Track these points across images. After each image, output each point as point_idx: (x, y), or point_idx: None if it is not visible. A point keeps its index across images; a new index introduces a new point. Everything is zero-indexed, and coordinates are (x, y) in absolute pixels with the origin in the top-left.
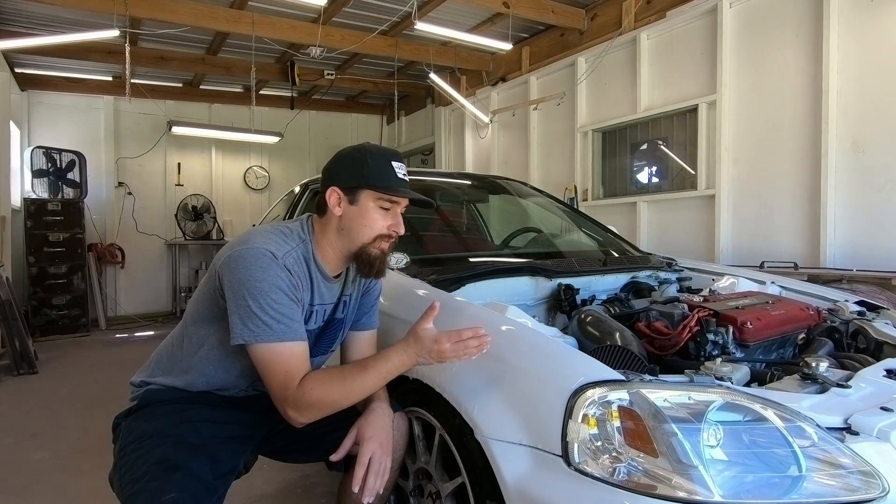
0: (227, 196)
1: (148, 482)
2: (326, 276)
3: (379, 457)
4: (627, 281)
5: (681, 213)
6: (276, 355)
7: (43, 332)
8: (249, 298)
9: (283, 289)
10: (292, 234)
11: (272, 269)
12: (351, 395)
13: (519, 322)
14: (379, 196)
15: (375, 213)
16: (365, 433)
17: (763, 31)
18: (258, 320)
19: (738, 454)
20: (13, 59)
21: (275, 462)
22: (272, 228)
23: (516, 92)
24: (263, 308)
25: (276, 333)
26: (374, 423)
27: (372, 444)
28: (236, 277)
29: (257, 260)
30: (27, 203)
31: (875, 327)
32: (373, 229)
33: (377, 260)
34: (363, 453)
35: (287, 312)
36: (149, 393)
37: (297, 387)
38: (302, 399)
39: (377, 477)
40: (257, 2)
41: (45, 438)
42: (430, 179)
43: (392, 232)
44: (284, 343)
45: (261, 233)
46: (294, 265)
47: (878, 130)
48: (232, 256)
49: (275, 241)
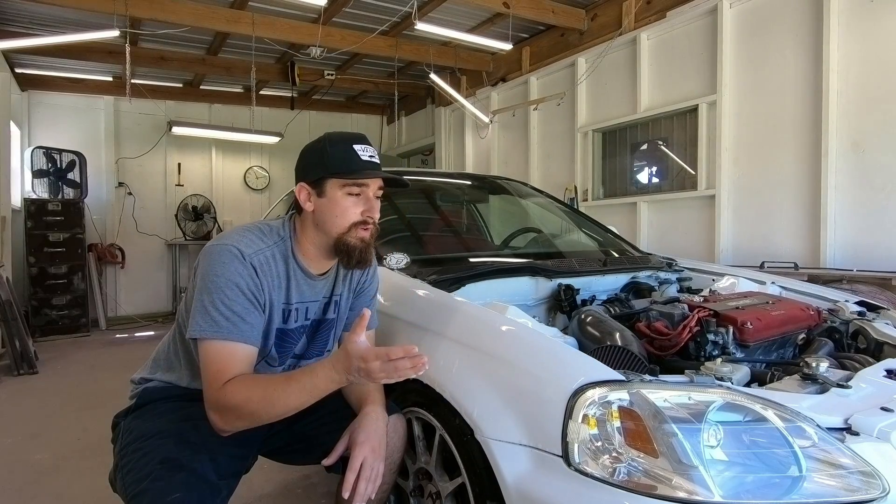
0: (228, 196)
1: (152, 482)
2: (309, 273)
3: (371, 462)
4: (627, 281)
5: (681, 213)
6: (214, 353)
7: (43, 332)
8: (205, 293)
9: (240, 286)
10: (271, 232)
11: (233, 266)
12: (270, 408)
13: (519, 322)
14: (344, 183)
15: (344, 201)
16: (357, 438)
17: (763, 32)
18: (208, 316)
19: (739, 454)
20: (13, 59)
21: (275, 462)
22: (252, 226)
23: (516, 92)
24: (215, 304)
25: (221, 331)
26: (366, 427)
27: (364, 450)
28: (200, 271)
29: (221, 255)
30: (27, 203)
31: (875, 327)
32: (345, 218)
33: (356, 249)
34: (354, 458)
35: (238, 311)
36: (147, 391)
37: (220, 387)
38: (221, 401)
39: (368, 482)
40: (257, 2)
41: (45, 438)
42: (430, 179)
43: (367, 218)
44: (226, 342)
45: (237, 230)
46: (265, 264)
47: (878, 130)
48: (202, 251)
49: (248, 239)
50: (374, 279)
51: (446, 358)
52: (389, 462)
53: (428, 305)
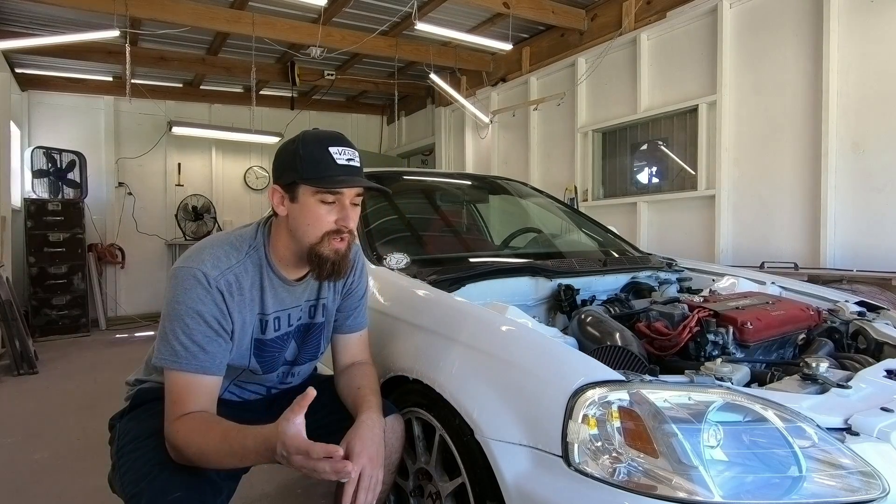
0: (228, 196)
1: (151, 481)
2: (285, 279)
3: (369, 472)
4: (627, 281)
5: (681, 213)
6: (171, 383)
7: (43, 332)
8: (167, 320)
9: (202, 314)
10: (242, 242)
11: (194, 292)
12: (205, 461)
13: (519, 322)
14: (316, 190)
15: (317, 208)
16: (354, 448)
17: (763, 32)
18: (168, 345)
19: (739, 455)
20: (13, 59)
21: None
22: (223, 240)
23: (516, 92)
24: (175, 332)
25: (179, 361)
26: (363, 436)
27: (361, 460)
28: (166, 295)
29: (184, 281)
30: (27, 203)
31: (875, 328)
32: (317, 227)
33: (328, 261)
34: (353, 469)
35: (198, 340)
36: (142, 392)
37: (172, 421)
38: (170, 437)
39: (367, 492)
40: (257, 2)
41: (45, 438)
42: (430, 180)
43: (340, 227)
44: (184, 373)
45: (206, 246)
46: (233, 283)
47: (878, 130)
48: (170, 271)
49: (215, 258)
50: (362, 280)
51: (446, 358)
52: (388, 463)
53: (428, 305)
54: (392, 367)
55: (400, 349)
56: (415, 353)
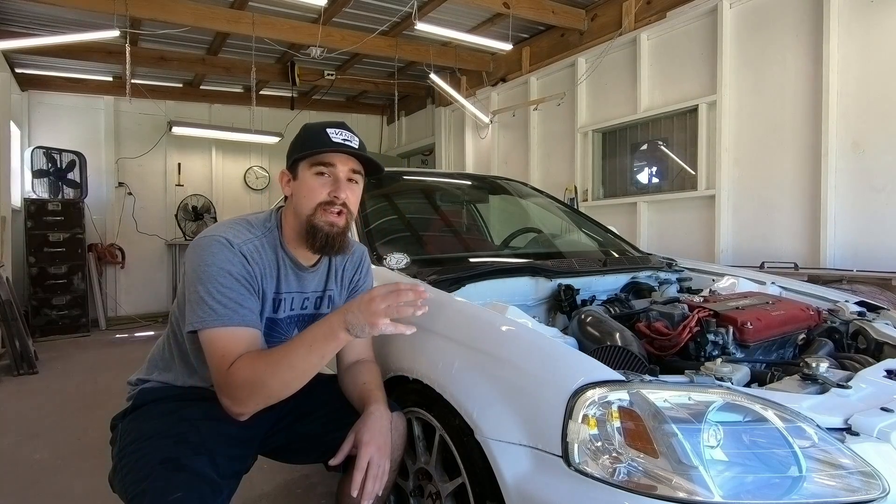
0: (228, 196)
1: (152, 482)
2: (298, 264)
3: (377, 461)
4: (627, 281)
5: (681, 213)
6: (217, 339)
7: (43, 332)
8: (199, 284)
9: (233, 273)
10: (258, 223)
11: (223, 254)
12: (280, 373)
13: (519, 322)
14: (312, 162)
15: (312, 181)
16: (363, 437)
17: (763, 32)
18: (205, 305)
19: (739, 455)
20: (13, 59)
21: (275, 462)
22: (238, 219)
23: (516, 92)
24: (210, 293)
25: (221, 318)
26: (371, 426)
27: (370, 449)
28: (191, 265)
29: (209, 246)
30: (27, 203)
31: (875, 328)
32: (311, 199)
33: (322, 232)
34: (361, 458)
35: (235, 297)
36: (144, 392)
37: (227, 369)
38: (230, 381)
39: (375, 481)
40: (257, 2)
41: (45, 439)
42: (430, 179)
43: (333, 198)
44: (227, 328)
45: (223, 223)
46: (254, 252)
47: (878, 130)
48: (191, 245)
49: (235, 230)
50: (368, 278)
51: (446, 358)
52: (391, 460)
53: (428, 305)
54: (392, 366)
55: (400, 349)
56: (414, 353)
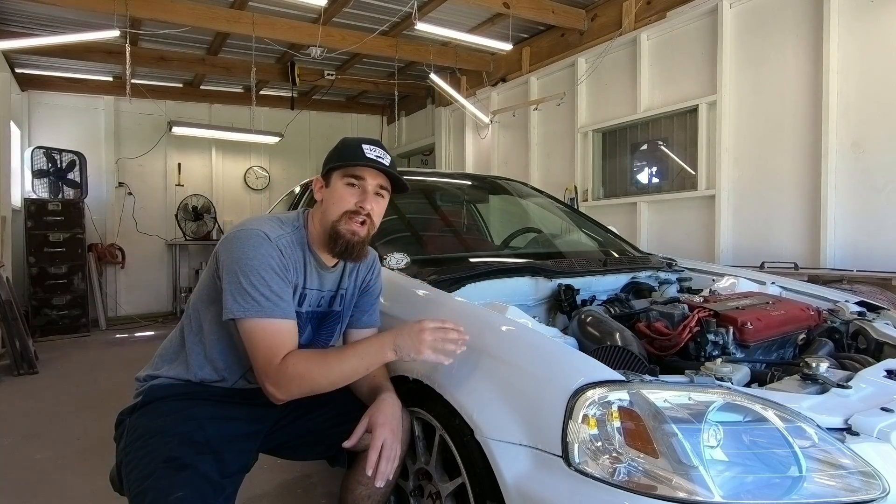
0: (228, 196)
1: (155, 480)
2: (321, 263)
3: (391, 442)
4: (627, 281)
5: (681, 213)
6: (262, 331)
7: (43, 332)
8: (241, 275)
9: (274, 267)
10: (288, 221)
11: (264, 248)
12: (330, 375)
13: (519, 322)
14: (344, 173)
15: (342, 189)
16: (377, 420)
17: (763, 32)
18: (248, 297)
19: (739, 455)
20: (13, 59)
21: (275, 462)
22: (269, 217)
23: (516, 92)
24: (254, 285)
25: (265, 310)
26: (385, 410)
27: (384, 431)
28: (231, 256)
29: (251, 239)
30: (27, 203)
31: (875, 328)
32: (339, 206)
33: (343, 238)
34: (376, 438)
35: (277, 290)
36: (153, 388)
37: (279, 362)
38: (283, 374)
39: (389, 462)
40: (257, 2)
41: (45, 439)
42: (430, 179)
43: (359, 207)
44: (272, 319)
45: (258, 218)
46: (287, 247)
47: (878, 130)
48: (228, 237)
49: (269, 225)
50: (378, 280)
51: None
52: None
53: (428, 305)
54: (392, 367)
55: None
56: None
